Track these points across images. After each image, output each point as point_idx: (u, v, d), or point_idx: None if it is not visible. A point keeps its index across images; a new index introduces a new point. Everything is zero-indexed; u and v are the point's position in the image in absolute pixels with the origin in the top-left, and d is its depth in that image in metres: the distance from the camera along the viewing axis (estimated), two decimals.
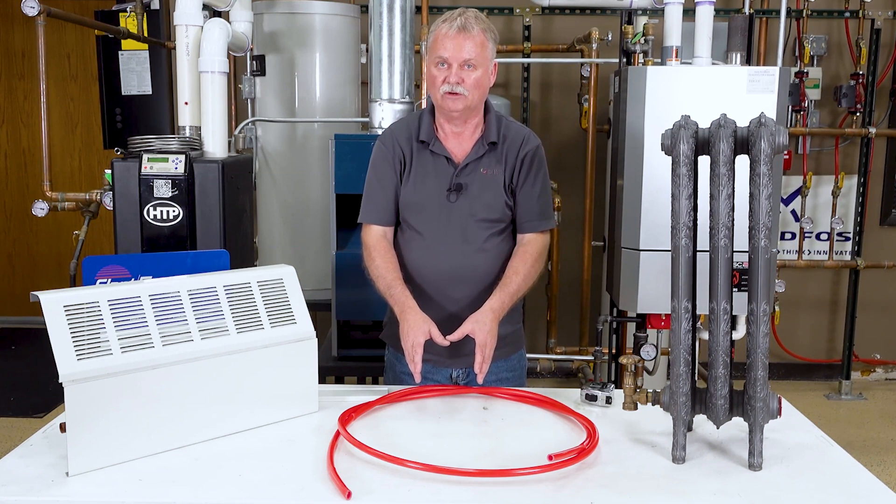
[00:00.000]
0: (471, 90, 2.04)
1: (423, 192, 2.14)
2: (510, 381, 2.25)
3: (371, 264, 2.14)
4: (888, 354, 5.13)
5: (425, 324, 1.98)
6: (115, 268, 1.89)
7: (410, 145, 2.16)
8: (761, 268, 1.56)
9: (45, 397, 4.45)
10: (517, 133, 2.18)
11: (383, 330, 2.34)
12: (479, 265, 2.13)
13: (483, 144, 2.14)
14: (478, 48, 2.03)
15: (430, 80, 2.08)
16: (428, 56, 2.10)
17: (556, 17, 4.83)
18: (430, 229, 2.14)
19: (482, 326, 1.97)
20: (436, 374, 2.19)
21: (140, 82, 4.59)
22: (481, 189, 2.13)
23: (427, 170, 2.15)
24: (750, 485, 1.53)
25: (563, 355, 4.81)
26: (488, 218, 2.14)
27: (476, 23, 2.04)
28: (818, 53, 4.80)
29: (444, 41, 2.02)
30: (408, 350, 1.97)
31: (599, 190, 4.64)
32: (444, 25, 2.04)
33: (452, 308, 2.09)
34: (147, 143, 2.63)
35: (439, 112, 2.14)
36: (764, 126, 1.55)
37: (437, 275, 2.13)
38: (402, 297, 2.05)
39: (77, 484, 1.51)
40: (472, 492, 1.49)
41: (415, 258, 2.16)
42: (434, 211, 2.13)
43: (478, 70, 2.04)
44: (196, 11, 2.75)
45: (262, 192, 3.85)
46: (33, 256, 6.05)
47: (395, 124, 2.28)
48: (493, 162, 2.14)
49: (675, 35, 2.92)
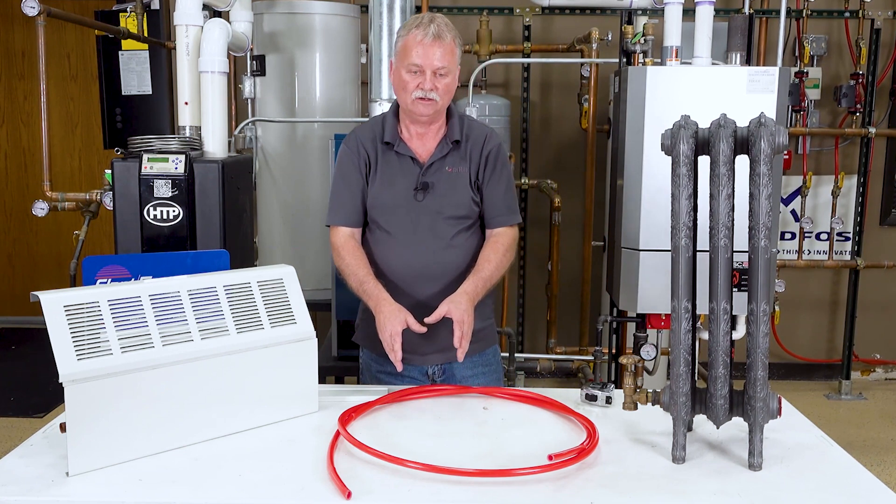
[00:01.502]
0: (442, 96, 2.11)
1: (390, 192, 2.18)
2: (486, 375, 2.29)
3: (341, 263, 2.18)
4: (888, 354, 5.13)
5: (401, 313, 2.02)
6: (115, 268, 1.89)
7: (375, 147, 2.20)
8: (761, 268, 1.56)
9: (45, 397, 4.46)
10: (479, 131, 2.24)
11: (356, 332, 2.37)
12: (449, 261, 2.18)
13: (447, 143, 2.19)
14: (449, 55, 2.09)
15: (401, 85, 2.12)
16: (397, 59, 2.13)
17: (556, 17, 4.83)
18: (399, 228, 2.18)
19: (458, 306, 2.02)
20: (412, 370, 2.22)
21: (140, 82, 4.58)
22: (448, 187, 2.18)
23: (393, 170, 2.19)
24: (750, 485, 1.53)
25: (563, 355, 4.80)
26: (456, 215, 2.18)
27: (448, 30, 2.09)
28: (818, 53, 4.80)
29: (418, 48, 2.07)
30: (386, 340, 2.00)
31: (599, 190, 4.64)
32: (417, 32, 2.07)
33: (424, 307, 2.10)
34: (147, 143, 2.63)
35: (405, 114, 2.18)
36: (764, 126, 1.55)
37: (408, 272, 2.17)
38: (374, 291, 2.09)
39: (77, 484, 1.51)
40: (472, 492, 1.49)
41: (385, 257, 2.19)
42: (402, 210, 2.17)
43: (448, 77, 2.11)
44: (196, 11, 2.75)
45: (262, 192, 3.86)
46: (33, 256, 6.06)
47: (359, 127, 2.31)
48: (457, 160, 2.19)
49: (674, 35, 2.92)
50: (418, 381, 2.22)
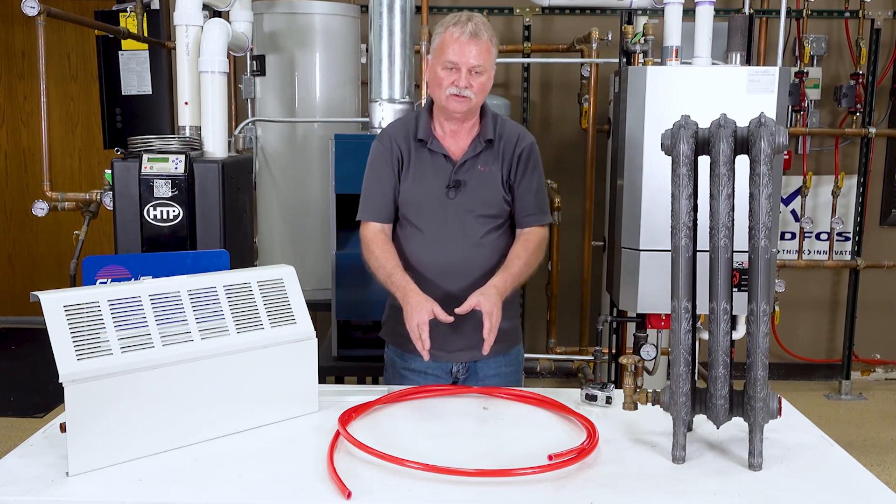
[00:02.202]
0: (477, 94, 2.11)
1: (422, 189, 2.19)
2: (509, 375, 2.30)
3: (370, 257, 2.19)
4: (888, 354, 5.13)
5: (428, 303, 2.02)
6: (115, 268, 1.89)
7: (408, 144, 2.21)
8: (761, 268, 1.56)
9: (45, 397, 4.45)
10: (512, 131, 2.25)
11: (382, 328, 2.36)
12: (478, 259, 2.18)
13: (480, 142, 2.19)
14: (485, 54, 2.09)
15: (436, 81, 2.12)
16: (433, 56, 2.14)
17: (556, 17, 4.83)
18: (429, 225, 2.18)
19: (488, 299, 2.02)
20: (436, 368, 2.23)
21: (140, 82, 4.59)
22: (479, 185, 2.18)
23: (425, 167, 2.19)
24: (750, 485, 1.53)
25: (563, 355, 4.81)
26: (486, 213, 2.19)
27: (485, 29, 2.10)
28: (818, 53, 4.80)
29: (454, 45, 2.07)
30: (413, 330, 2.00)
31: (599, 190, 4.64)
32: (454, 29, 2.08)
33: (452, 302, 2.10)
34: (147, 143, 2.63)
35: (440, 111, 2.19)
36: (764, 126, 1.55)
37: (437, 269, 2.17)
38: (403, 282, 2.09)
39: (77, 484, 1.51)
40: (472, 492, 1.49)
41: (415, 253, 2.20)
42: (433, 207, 2.18)
43: (483, 75, 2.11)
44: (196, 11, 2.75)
45: (262, 192, 3.86)
46: (33, 256, 6.05)
47: (393, 124, 2.32)
48: (490, 159, 2.20)
49: (674, 35, 2.92)
50: (441, 378, 2.24)
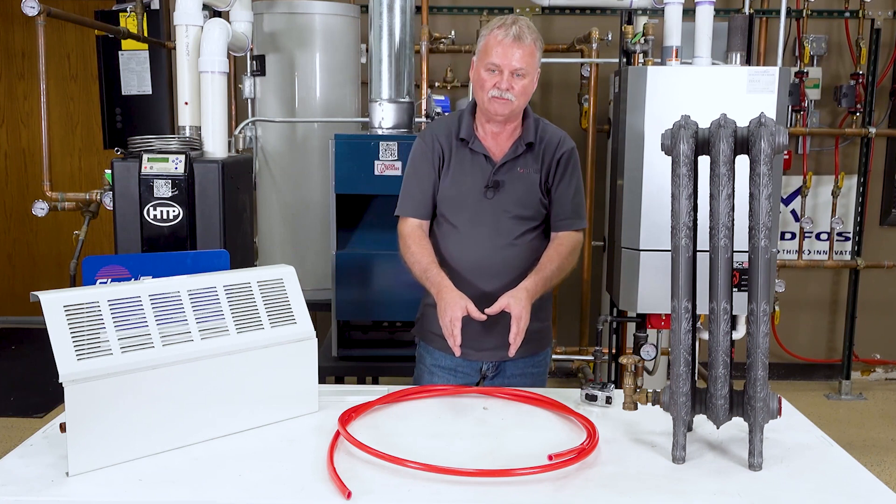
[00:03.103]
0: (518, 97, 2.13)
1: (461, 187, 2.21)
2: (535, 376, 2.32)
3: (406, 251, 2.20)
4: (888, 354, 5.13)
5: (462, 300, 2.03)
6: (115, 268, 1.89)
7: (450, 143, 2.23)
8: (761, 268, 1.56)
9: (45, 397, 4.45)
10: (553, 135, 2.26)
11: (415, 325, 2.41)
12: (512, 259, 2.19)
13: (521, 145, 2.21)
14: (528, 57, 2.10)
15: (479, 83, 2.14)
16: (477, 58, 2.16)
17: (556, 17, 4.83)
18: (465, 224, 2.21)
19: (518, 301, 2.02)
20: (465, 366, 2.24)
21: (140, 82, 4.59)
22: (517, 187, 2.20)
23: (465, 167, 2.21)
24: (750, 485, 1.53)
25: (563, 355, 4.80)
26: (522, 215, 2.21)
27: (529, 32, 2.11)
28: (818, 53, 4.80)
29: (497, 48, 2.09)
30: (445, 325, 2.01)
31: (599, 190, 4.64)
32: (498, 31, 2.10)
33: (485, 301, 2.10)
34: (147, 143, 2.63)
35: (482, 113, 2.21)
36: (764, 126, 1.55)
37: (471, 267, 2.19)
38: (438, 278, 2.11)
39: (77, 484, 1.51)
40: (472, 492, 1.49)
41: (450, 251, 2.22)
42: (471, 206, 2.20)
43: (526, 78, 2.13)
44: (196, 11, 2.75)
45: (262, 192, 3.85)
46: (33, 256, 6.05)
47: (436, 122, 2.35)
48: (529, 162, 2.21)
49: (675, 35, 2.92)
50: (470, 376, 2.25)
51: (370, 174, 2.95)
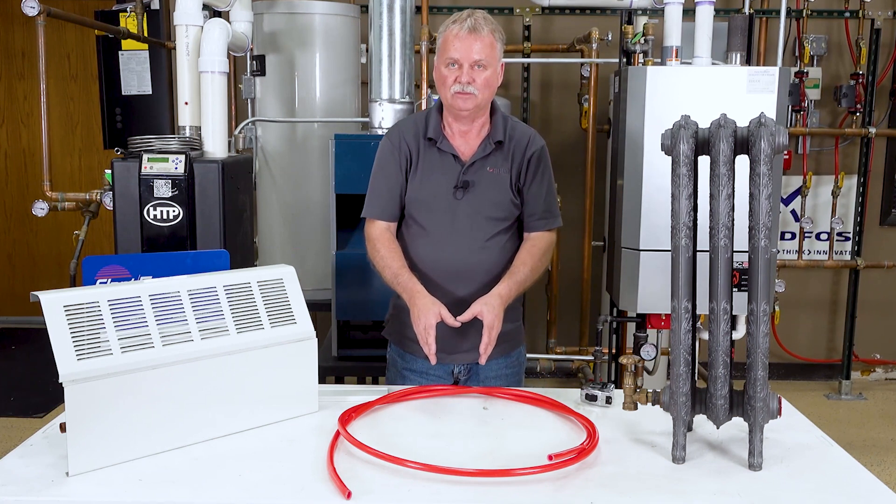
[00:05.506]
0: (480, 90, 2.08)
1: (430, 188, 2.17)
2: (510, 377, 2.28)
3: (376, 255, 2.17)
4: (888, 354, 5.13)
5: (435, 306, 2.01)
6: (115, 268, 1.89)
7: (417, 143, 2.19)
8: (761, 268, 1.56)
9: (45, 397, 4.45)
10: (523, 133, 2.22)
11: (385, 327, 2.36)
12: (484, 261, 2.16)
13: (490, 143, 2.17)
14: (487, 48, 2.06)
15: (440, 80, 2.11)
16: (437, 56, 2.13)
17: (556, 17, 4.83)
18: (435, 225, 2.17)
19: (491, 309, 2.01)
20: (437, 369, 2.21)
21: (140, 82, 4.59)
22: (488, 187, 2.16)
23: (434, 167, 2.17)
24: (750, 485, 1.53)
25: (563, 355, 4.80)
26: (494, 216, 2.17)
27: (485, 24, 2.07)
28: (818, 53, 4.80)
29: (454, 42, 2.06)
30: (420, 333, 1.99)
31: (599, 190, 4.64)
32: (454, 26, 2.07)
33: (456, 305, 2.09)
34: (147, 143, 2.63)
35: (448, 111, 2.17)
36: (764, 126, 1.55)
37: (442, 270, 2.16)
38: (409, 284, 2.08)
39: (77, 484, 1.51)
40: (472, 492, 1.49)
41: (419, 253, 2.18)
42: (440, 207, 2.16)
43: (487, 70, 2.08)
44: (196, 11, 2.75)
45: (262, 192, 3.86)
46: (33, 256, 6.05)
47: (402, 122, 2.31)
48: (499, 160, 2.17)
49: (675, 35, 2.92)
50: (443, 379, 2.23)
51: (370, 174, 2.94)
